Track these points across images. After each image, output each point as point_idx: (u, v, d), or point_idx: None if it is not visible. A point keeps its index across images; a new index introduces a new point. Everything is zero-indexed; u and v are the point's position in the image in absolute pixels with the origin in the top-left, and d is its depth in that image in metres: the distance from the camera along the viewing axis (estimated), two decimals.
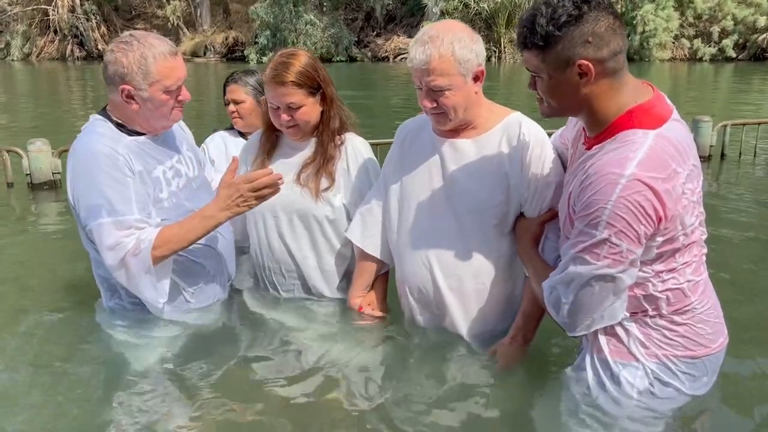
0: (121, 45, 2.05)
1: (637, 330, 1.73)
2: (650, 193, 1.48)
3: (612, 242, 1.53)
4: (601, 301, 1.62)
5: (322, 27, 27.08)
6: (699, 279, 1.72)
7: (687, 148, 1.58)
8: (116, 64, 2.04)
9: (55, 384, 2.08)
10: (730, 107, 10.84)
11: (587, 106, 1.64)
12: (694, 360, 1.73)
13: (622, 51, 1.58)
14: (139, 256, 2.03)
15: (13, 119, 9.83)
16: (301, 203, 2.39)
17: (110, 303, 2.33)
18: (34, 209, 4.45)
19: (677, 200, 1.53)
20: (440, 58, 1.89)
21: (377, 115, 10.11)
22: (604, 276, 1.57)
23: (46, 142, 4.85)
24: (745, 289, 2.83)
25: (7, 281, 3.02)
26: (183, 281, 2.30)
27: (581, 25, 1.53)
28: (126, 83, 2.05)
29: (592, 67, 1.55)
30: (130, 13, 33.06)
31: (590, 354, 1.81)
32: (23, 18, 30.58)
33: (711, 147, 5.75)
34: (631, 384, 1.73)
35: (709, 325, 1.73)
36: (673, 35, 25.16)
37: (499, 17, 25.79)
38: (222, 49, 29.63)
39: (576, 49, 1.54)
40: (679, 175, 1.53)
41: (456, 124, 2.04)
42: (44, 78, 20.29)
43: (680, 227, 1.58)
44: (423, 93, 1.98)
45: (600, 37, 1.53)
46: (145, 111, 2.11)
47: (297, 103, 2.25)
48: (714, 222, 3.75)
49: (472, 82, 1.98)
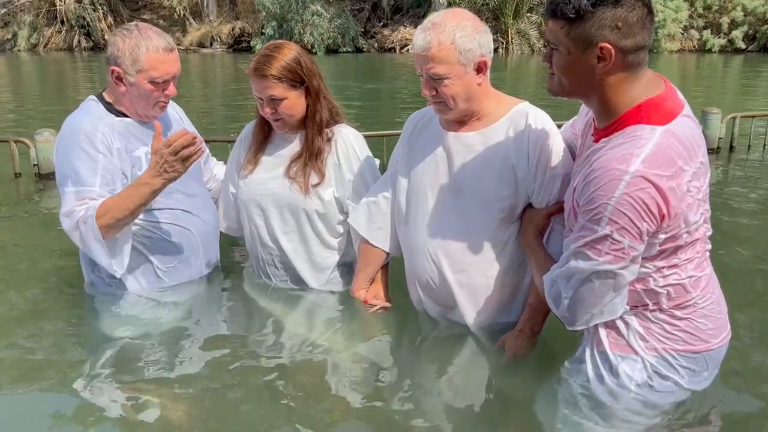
0: (123, 31, 2.25)
1: (637, 323, 1.72)
2: (654, 191, 1.47)
3: (614, 239, 1.53)
4: (601, 296, 1.62)
5: (328, 18, 26.97)
6: (701, 275, 1.71)
7: (695, 146, 1.56)
8: (113, 46, 2.22)
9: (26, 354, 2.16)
10: (740, 99, 10.76)
11: (598, 94, 1.61)
12: (694, 354, 1.72)
13: (646, 47, 1.56)
14: (87, 223, 2.18)
15: (20, 110, 9.86)
16: (291, 197, 2.40)
17: (91, 276, 2.51)
18: (41, 199, 4.47)
19: (682, 198, 1.52)
20: (440, 45, 1.88)
21: (384, 106, 10.10)
22: (605, 272, 1.57)
23: (53, 133, 4.86)
24: (751, 282, 2.82)
25: (14, 269, 3.03)
26: (156, 259, 2.43)
27: (616, 8, 1.50)
28: (117, 65, 2.23)
29: (613, 53, 1.52)
30: (136, 4, 33.02)
31: (590, 347, 1.82)
32: (30, 8, 30.59)
33: (720, 139, 5.71)
34: (629, 376, 1.73)
35: (710, 320, 1.72)
36: (682, 26, 24.91)
37: (507, 8, 25.59)
38: (228, 39, 29.56)
39: (603, 31, 1.51)
40: (684, 173, 1.52)
41: (458, 114, 2.03)
42: (51, 68, 20.32)
43: (683, 225, 1.57)
44: (423, 81, 1.97)
45: (630, 26, 1.51)
46: (130, 96, 2.29)
47: (278, 96, 2.28)
48: (721, 214, 3.73)
49: (474, 72, 1.95)
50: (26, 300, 2.66)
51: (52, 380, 2.05)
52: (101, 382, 2.04)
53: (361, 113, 8.88)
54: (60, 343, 2.29)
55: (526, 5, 25.85)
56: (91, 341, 2.32)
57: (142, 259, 2.42)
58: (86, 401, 1.95)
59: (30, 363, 2.15)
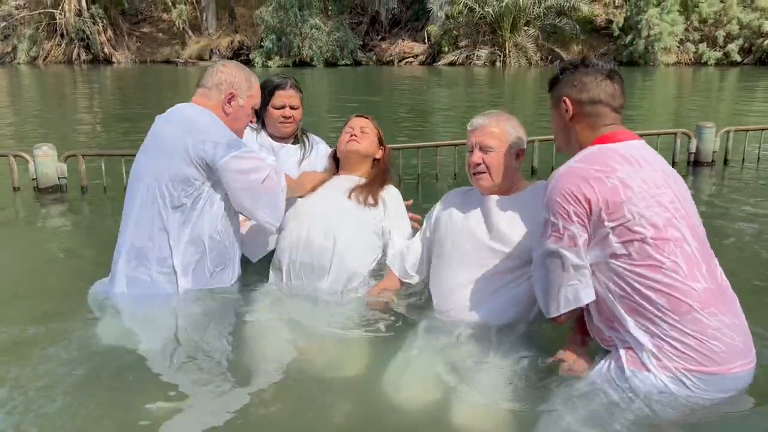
0: (233, 64, 2.66)
1: (649, 342, 1.80)
2: (578, 179, 1.84)
3: (552, 221, 1.89)
4: (554, 277, 1.91)
5: (327, 31, 27.16)
6: (697, 286, 1.77)
7: (639, 159, 1.89)
8: (229, 74, 2.58)
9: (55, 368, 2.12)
10: (735, 112, 10.83)
11: (574, 141, 2.04)
12: (706, 375, 1.76)
13: (602, 102, 1.98)
14: (279, 174, 2.57)
15: (19, 123, 9.89)
16: (353, 210, 2.70)
17: (135, 273, 2.50)
18: (39, 213, 4.48)
19: (613, 189, 1.81)
20: (495, 125, 2.39)
21: (382, 119, 10.07)
22: (551, 252, 1.90)
23: (52, 147, 4.89)
24: (749, 295, 2.84)
25: (14, 284, 3.05)
26: (210, 259, 2.54)
27: (574, 73, 2.03)
28: (234, 89, 2.56)
29: (570, 104, 2.01)
30: (136, 17, 33.22)
31: (609, 361, 1.90)
32: (30, 22, 30.77)
33: (714, 153, 5.76)
34: (639, 389, 1.79)
35: (723, 344, 1.76)
36: (678, 39, 25.14)
37: (504, 22, 25.79)
38: (227, 52, 29.74)
39: (566, 88, 2.04)
40: (617, 170, 1.84)
41: (494, 185, 2.40)
42: (51, 82, 20.42)
43: (631, 216, 1.80)
44: (473, 152, 2.39)
45: (584, 84, 2.00)
46: (233, 115, 2.60)
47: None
48: (716, 227, 3.76)
49: (514, 156, 2.39)
50: (29, 313, 2.67)
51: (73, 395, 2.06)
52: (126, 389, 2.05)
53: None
54: (70, 356, 2.27)
55: (523, 19, 26.06)
56: (101, 351, 2.31)
57: (201, 255, 2.51)
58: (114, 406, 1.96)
59: (38, 380, 2.15)
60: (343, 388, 2.14)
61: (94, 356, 2.31)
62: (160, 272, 2.48)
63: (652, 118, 10.42)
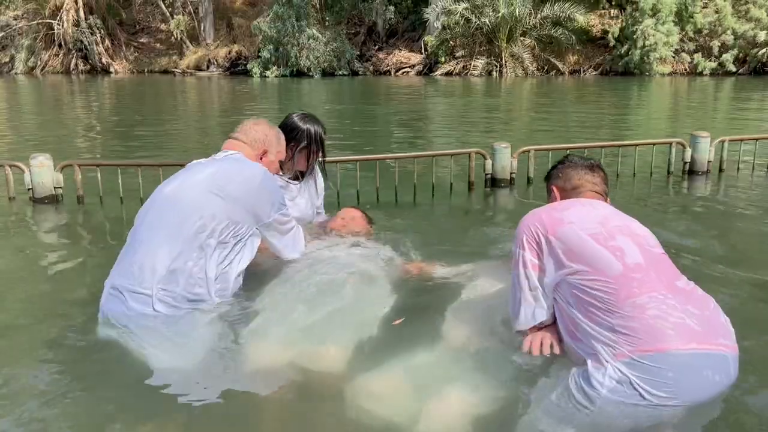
0: (264, 123, 2.97)
1: (603, 337, 1.94)
2: (534, 218, 2.23)
3: (514, 251, 2.25)
4: (515, 293, 2.23)
5: (324, 41, 27.25)
6: (634, 275, 2.00)
7: (596, 204, 2.30)
8: (262, 133, 2.90)
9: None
10: (730, 122, 10.88)
11: None
12: (661, 354, 1.85)
13: (581, 188, 2.43)
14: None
15: (15, 133, 9.89)
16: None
17: (190, 292, 2.50)
18: (34, 223, 4.48)
19: (559, 223, 2.17)
20: None
21: (379, 129, 10.19)
22: (514, 275, 2.25)
23: (48, 157, 4.88)
24: (743, 307, 2.84)
25: (7, 295, 3.04)
26: (242, 277, 2.69)
27: (559, 169, 2.55)
28: (266, 146, 2.90)
29: (557, 192, 2.50)
30: (134, 27, 33.31)
31: (579, 369, 1.99)
32: (28, 32, 30.84)
33: (709, 162, 5.79)
34: (600, 383, 1.88)
35: (670, 323, 1.90)
36: (674, 50, 25.27)
37: (501, 32, 25.91)
38: (225, 63, 29.83)
39: (553, 180, 2.55)
40: (569, 208, 2.25)
41: None
42: (48, 92, 20.44)
43: (573, 234, 2.12)
44: None
45: (567, 175, 2.49)
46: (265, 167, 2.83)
47: None
48: (712, 236, 3.77)
49: None
50: (24, 324, 2.67)
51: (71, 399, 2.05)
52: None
53: (355, 136, 8.98)
54: (66, 368, 2.28)
55: (520, 29, 26.19)
56: (100, 361, 2.31)
57: (235, 276, 2.64)
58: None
59: (32, 389, 2.15)
60: (321, 394, 2.15)
61: (92, 366, 2.31)
62: (185, 297, 2.48)
63: (648, 128, 10.47)
